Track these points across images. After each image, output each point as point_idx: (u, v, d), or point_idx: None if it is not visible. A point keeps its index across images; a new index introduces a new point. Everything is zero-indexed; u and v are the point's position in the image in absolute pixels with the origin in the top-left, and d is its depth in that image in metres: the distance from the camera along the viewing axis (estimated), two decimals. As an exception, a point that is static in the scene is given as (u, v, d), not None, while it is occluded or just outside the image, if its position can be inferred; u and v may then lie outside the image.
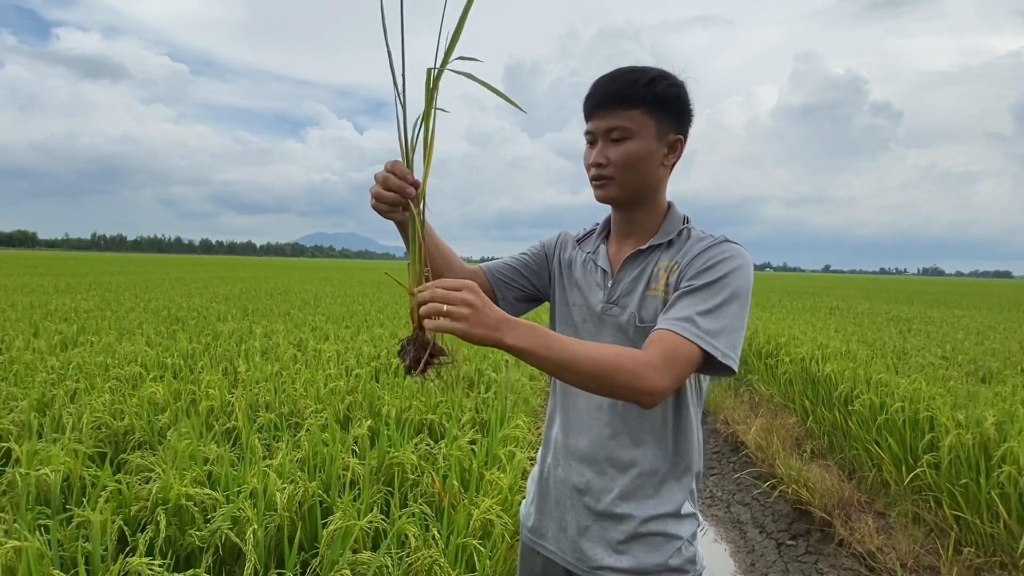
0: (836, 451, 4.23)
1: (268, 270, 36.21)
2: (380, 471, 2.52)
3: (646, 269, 1.08)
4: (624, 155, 1.02)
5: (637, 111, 1.01)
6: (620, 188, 1.05)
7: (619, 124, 1.01)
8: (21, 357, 4.35)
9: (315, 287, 16.53)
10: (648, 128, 1.02)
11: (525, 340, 0.82)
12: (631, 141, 1.02)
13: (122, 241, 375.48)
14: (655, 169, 1.05)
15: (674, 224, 1.09)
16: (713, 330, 0.93)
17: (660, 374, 0.87)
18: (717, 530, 3.50)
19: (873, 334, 7.87)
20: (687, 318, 0.93)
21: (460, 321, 0.79)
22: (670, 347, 0.90)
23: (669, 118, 1.03)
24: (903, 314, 12.16)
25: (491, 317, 0.80)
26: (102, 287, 13.58)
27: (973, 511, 2.85)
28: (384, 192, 0.90)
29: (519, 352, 0.82)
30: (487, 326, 0.80)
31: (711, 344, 0.91)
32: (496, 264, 1.21)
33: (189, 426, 2.79)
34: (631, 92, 1.00)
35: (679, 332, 0.92)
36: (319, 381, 3.84)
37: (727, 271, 0.98)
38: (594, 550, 1.09)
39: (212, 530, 1.89)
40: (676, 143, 1.06)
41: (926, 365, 5.31)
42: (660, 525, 1.07)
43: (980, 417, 3.21)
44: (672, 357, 0.89)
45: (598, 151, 1.04)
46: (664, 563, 1.06)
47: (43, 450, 2.27)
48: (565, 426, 1.15)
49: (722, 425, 5.13)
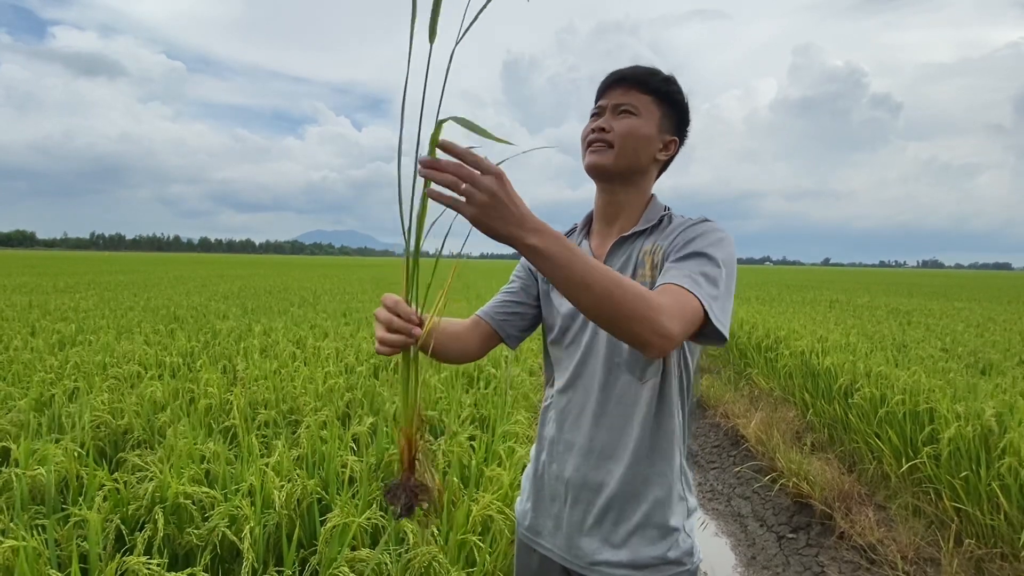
0: (836, 444, 4.23)
1: (267, 268, 36.19)
2: (379, 468, 2.51)
3: (631, 256, 1.08)
4: (627, 127, 1.06)
5: (648, 98, 1.07)
6: (616, 157, 1.07)
7: (630, 102, 1.07)
8: (19, 356, 4.34)
9: (314, 284, 16.52)
10: (653, 116, 1.07)
11: (548, 244, 0.76)
12: (636, 118, 1.07)
13: (121, 240, 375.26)
14: (649, 155, 1.09)
15: (655, 212, 1.11)
16: (712, 293, 0.92)
17: (674, 320, 0.83)
18: (718, 524, 3.50)
19: (873, 327, 7.86)
20: (688, 276, 0.92)
21: (477, 207, 0.72)
22: (680, 296, 0.88)
23: (672, 117, 1.10)
24: (903, 307, 12.16)
25: (514, 212, 0.74)
26: (101, 286, 13.56)
27: (974, 503, 2.85)
28: (388, 335, 0.81)
29: (537, 255, 0.76)
30: (507, 220, 0.73)
31: (711, 306, 0.90)
32: (491, 307, 1.20)
33: (188, 424, 2.78)
34: (648, 80, 1.07)
35: (686, 286, 0.90)
36: (318, 378, 3.83)
37: (714, 240, 0.99)
38: (591, 544, 1.08)
39: (210, 528, 1.88)
40: (671, 143, 1.11)
41: (926, 357, 5.31)
42: (657, 517, 1.06)
43: (980, 409, 3.21)
44: (683, 307, 0.86)
45: (604, 120, 1.08)
46: (662, 556, 1.06)
47: (41, 449, 2.26)
48: (559, 421, 1.14)
49: (722, 419, 5.13)
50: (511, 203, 0.73)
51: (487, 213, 0.73)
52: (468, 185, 0.72)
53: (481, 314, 1.19)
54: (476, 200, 0.72)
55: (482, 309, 1.20)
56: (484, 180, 0.72)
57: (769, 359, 6.17)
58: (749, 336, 7.14)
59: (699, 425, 5.35)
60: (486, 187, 0.71)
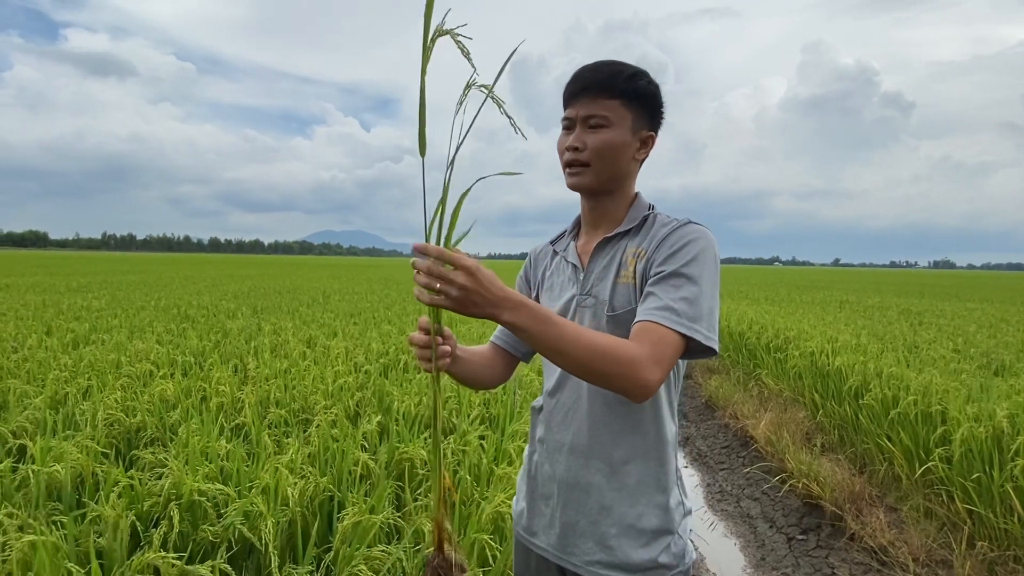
0: (847, 445, 4.21)
1: (276, 268, 36.39)
2: (390, 466, 2.53)
3: (615, 256, 1.09)
4: (601, 142, 1.05)
5: (616, 102, 1.04)
6: (594, 176, 1.07)
7: (598, 112, 1.04)
8: (35, 355, 4.40)
9: (323, 284, 16.60)
10: (625, 120, 1.05)
11: (522, 320, 0.85)
12: (608, 130, 1.05)
13: (132, 240, 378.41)
14: (628, 161, 1.08)
15: (639, 211, 1.12)
16: (693, 315, 0.94)
17: (651, 367, 0.88)
18: (727, 525, 3.50)
19: (884, 328, 7.81)
20: (666, 307, 0.94)
21: (453, 301, 0.83)
22: (656, 338, 0.91)
23: (644, 114, 1.07)
24: (914, 307, 12.06)
25: (488, 297, 0.83)
26: (113, 286, 13.70)
27: (986, 505, 2.82)
28: (423, 352, 0.95)
29: (514, 328, 0.86)
30: (482, 305, 0.83)
31: (694, 329, 0.93)
32: (501, 329, 1.24)
33: (200, 422, 2.81)
34: (612, 83, 1.04)
35: (662, 322, 0.93)
36: (328, 377, 3.85)
37: (695, 253, 0.99)
38: (585, 544, 1.08)
39: (225, 525, 1.90)
40: (648, 139, 1.10)
41: (938, 358, 5.26)
42: (650, 519, 1.06)
43: (993, 410, 3.18)
44: (660, 349, 0.90)
45: (575, 136, 1.06)
46: (654, 559, 1.05)
47: (57, 447, 2.29)
48: (549, 421, 1.15)
49: (731, 419, 5.11)
50: (484, 290, 0.83)
51: (462, 303, 0.83)
52: (443, 284, 0.82)
53: (495, 340, 1.24)
54: (451, 295, 0.82)
55: (495, 335, 1.25)
56: (457, 278, 0.81)
57: (778, 360, 6.14)
58: (758, 337, 7.11)
59: (708, 426, 5.33)
60: (459, 284, 0.81)
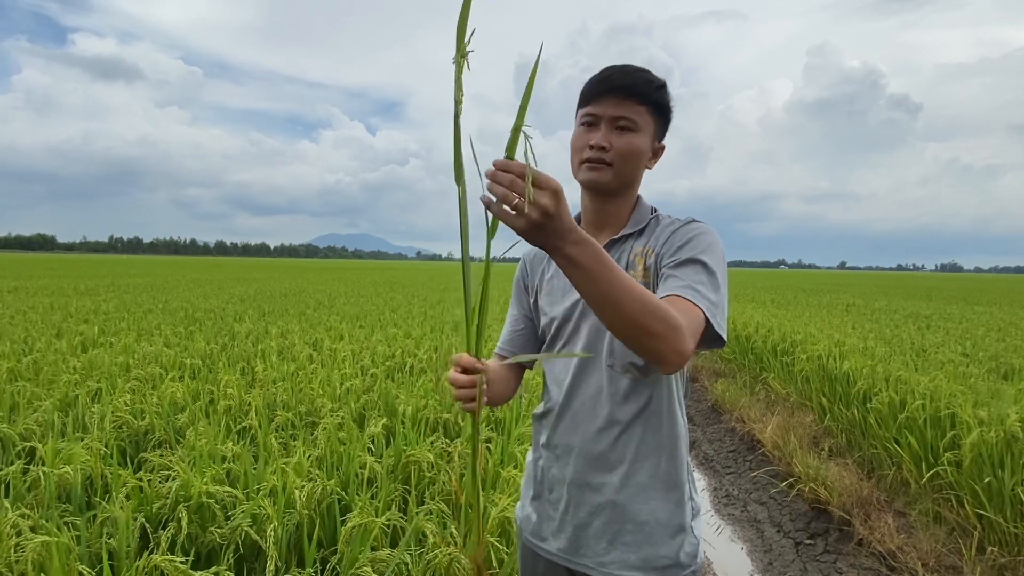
0: (855, 449, 4.18)
1: (282, 271, 36.51)
2: (397, 469, 2.53)
3: (622, 257, 1.10)
4: (627, 145, 1.05)
5: (644, 108, 1.06)
6: (614, 176, 1.07)
7: (629, 115, 1.05)
8: (44, 358, 4.43)
9: (329, 287, 16.65)
10: (649, 127, 1.07)
11: (585, 256, 0.77)
12: (635, 134, 1.06)
13: (139, 243, 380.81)
14: (642, 167, 1.10)
15: (643, 214, 1.13)
16: (712, 301, 0.94)
17: (689, 338, 0.85)
18: (734, 529, 3.48)
19: (891, 331, 7.76)
20: (691, 287, 0.94)
21: (526, 222, 0.74)
22: (689, 312, 0.90)
23: (662, 125, 1.10)
24: (921, 311, 11.98)
25: (562, 225, 0.75)
26: (120, 289, 13.79)
27: (997, 509, 2.80)
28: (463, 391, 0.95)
29: (571, 263, 0.78)
30: (553, 232, 0.76)
31: (712, 314, 0.93)
32: (506, 341, 1.25)
33: (208, 425, 2.82)
34: (645, 90, 1.05)
35: (690, 298, 0.92)
36: (335, 380, 3.87)
37: (705, 245, 1.01)
38: (599, 544, 1.08)
39: (233, 527, 1.91)
40: (660, 150, 1.12)
41: (946, 362, 5.23)
42: (666, 517, 1.06)
43: (1003, 414, 3.16)
44: (692, 322, 0.89)
45: (602, 135, 1.06)
46: (670, 556, 1.06)
47: (67, 449, 2.31)
48: (557, 424, 1.15)
49: (738, 423, 5.09)
50: (559, 218, 0.75)
51: (535, 225, 0.75)
52: (521, 200, 0.73)
53: (503, 352, 1.24)
54: (530, 216, 0.74)
55: (499, 347, 1.25)
56: (541, 198, 0.73)
57: (785, 363, 6.11)
58: (765, 340, 7.07)
59: (714, 430, 5.31)
60: (542, 205, 0.73)
